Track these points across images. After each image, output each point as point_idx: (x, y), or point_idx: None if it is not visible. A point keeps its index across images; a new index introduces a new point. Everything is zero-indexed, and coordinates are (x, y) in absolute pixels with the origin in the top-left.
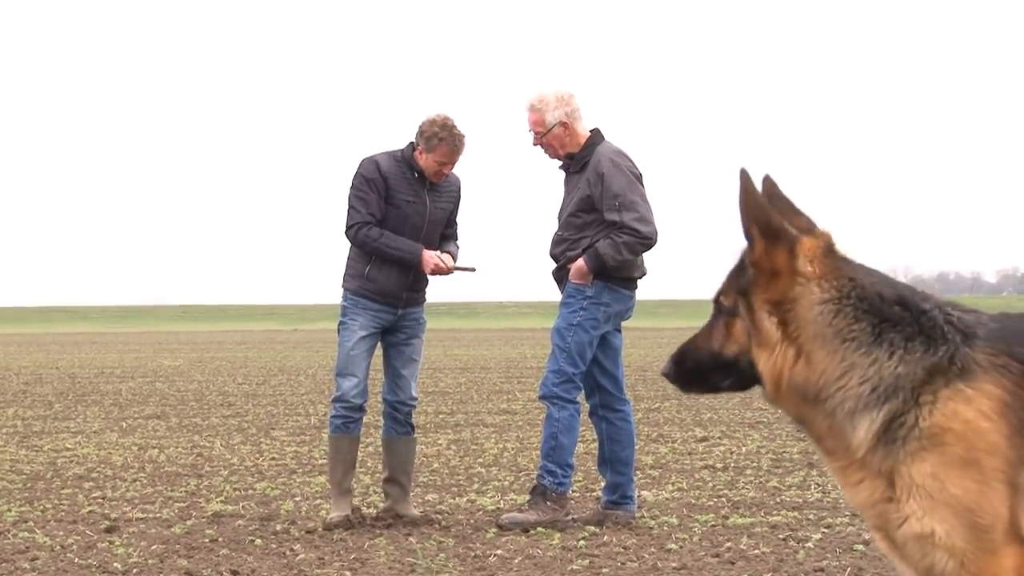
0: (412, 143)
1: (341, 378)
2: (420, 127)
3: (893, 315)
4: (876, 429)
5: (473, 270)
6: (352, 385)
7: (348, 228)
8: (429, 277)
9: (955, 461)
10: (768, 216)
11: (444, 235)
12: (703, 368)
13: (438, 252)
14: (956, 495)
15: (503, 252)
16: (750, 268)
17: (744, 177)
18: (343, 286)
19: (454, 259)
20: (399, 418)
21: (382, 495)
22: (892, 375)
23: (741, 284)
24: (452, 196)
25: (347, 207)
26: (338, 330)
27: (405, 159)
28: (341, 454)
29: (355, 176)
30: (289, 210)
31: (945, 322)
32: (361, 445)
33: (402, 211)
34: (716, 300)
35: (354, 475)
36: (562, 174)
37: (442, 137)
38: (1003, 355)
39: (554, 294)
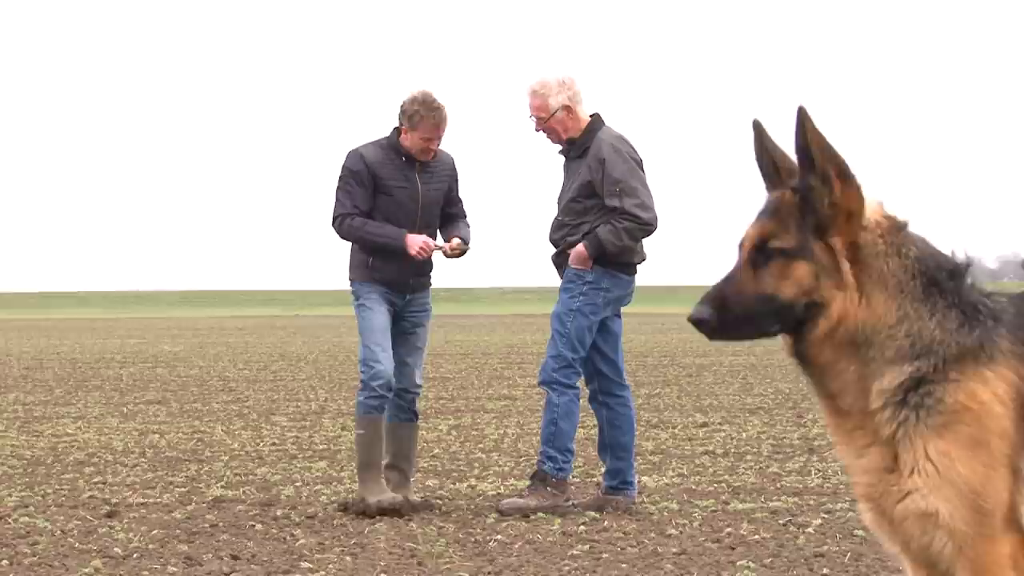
0: (397, 127)
1: (381, 353)
2: (401, 106)
3: (940, 280)
4: (900, 383)
5: (467, 250)
6: (389, 360)
7: (333, 220)
8: (434, 263)
9: (968, 441)
10: (841, 156)
11: (449, 215)
12: (752, 313)
13: (424, 236)
14: (965, 476)
15: (503, 238)
16: (826, 209)
17: (805, 115)
18: (350, 277)
19: (466, 241)
20: (403, 405)
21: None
22: (929, 337)
23: (811, 225)
24: (446, 175)
25: (334, 200)
26: (356, 313)
27: (391, 145)
28: (379, 435)
29: (341, 169)
30: (289, 196)
31: (980, 303)
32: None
33: (395, 197)
34: (762, 244)
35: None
36: (561, 159)
37: (423, 114)
38: (1020, 343)
39: (554, 279)
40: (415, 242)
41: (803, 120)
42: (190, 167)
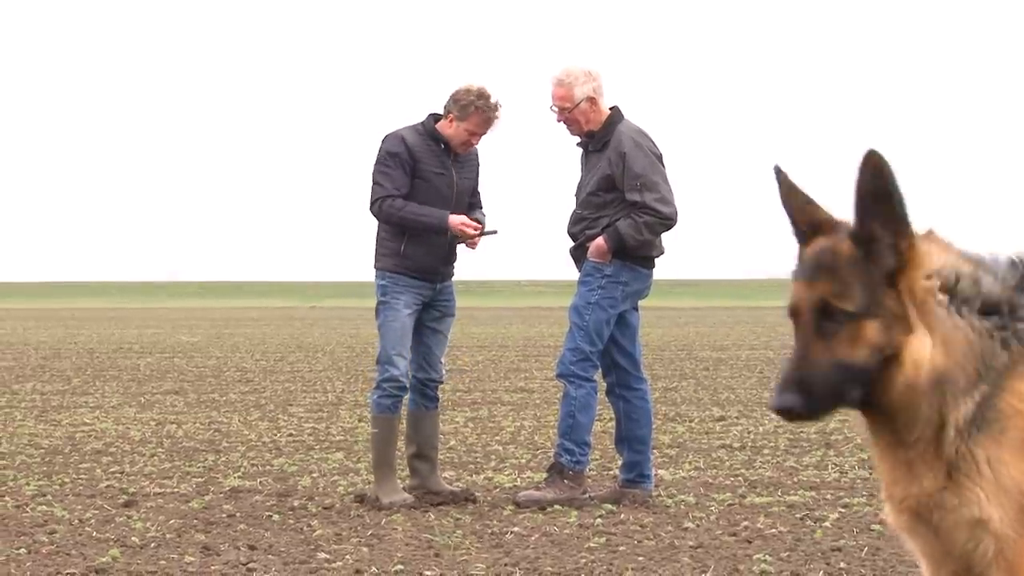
0: (433, 115)
1: (396, 358)
2: (455, 94)
3: (992, 294)
4: (972, 409)
5: (495, 232)
6: (405, 365)
7: (372, 203)
8: (457, 250)
9: (1018, 444)
10: (905, 203)
11: (469, 204)
12: (834, 387)
13: (464, 216)
14: (1016, 478)
15: (520, 230)
16: (894, 258)
17: (880, 158)
18: (377, 266)
19: (482, 225)
20: (428, 394)
21: (408, 472)
22: (989, 355)
23: (877, 278)
24: (475, 166)
25: (371, 183)
26: (377, 311)
27: (428, 131)
28: (393, 434)
29: (379, 151)
30: (307, 187)
31: (1020, 306)
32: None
33: (431, 183)
34: (824, 308)
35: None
36: (578, 152)
37: (478, 106)
38: None
39: (571, 272)
40: (457, 222)
41: (879, 164)
42: (208, 157)
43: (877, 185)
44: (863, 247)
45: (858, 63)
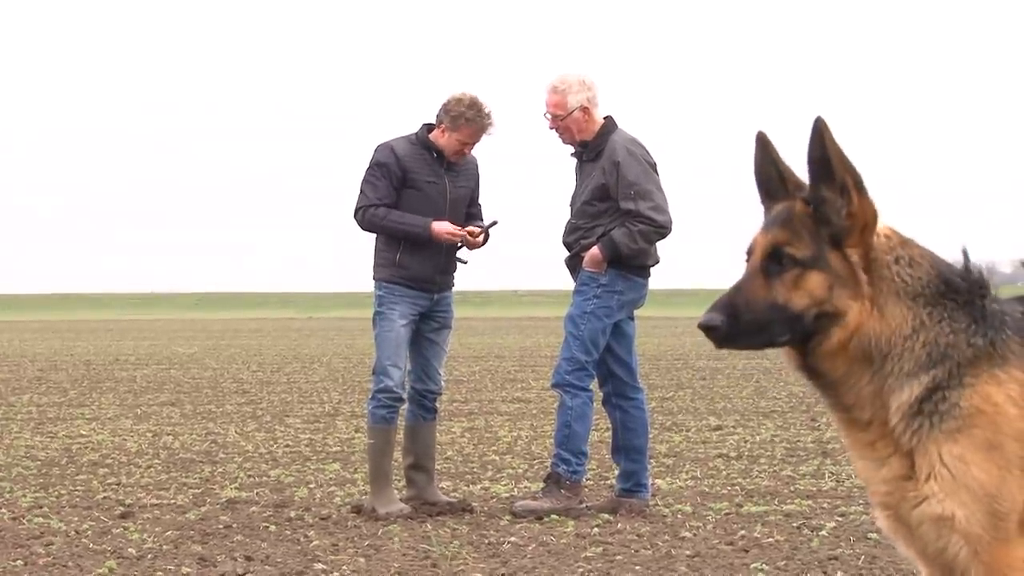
0: (427, 124)
1: (391, 368)
2: (446, 104)
3: (951, 285)
4: (917, 395)
5: (495, 223)
6: (400, 375)
7: (355, 212)
8: (458, 263)
9: (982, 445)
10: (857, 168)
11: (469, 214)
12: (763, 322)
13: (448, 224)
14: (980, 479)
15: (516, 240)
16: (843, 220)
17: (824, 126)
18: (375, 277)
19: (486, 235)
20: (427, 405)
21: (404, 482)
22: (944, 342)
23: (825, 236)
24: (471, 175)
25: (358, 192)
26: (374, 321)
27: (421, 141)
28: (389, 445)
29: (369, 161)
30: (303, 199)
31: (988, 306)
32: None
33: (424, 192)
34: (773, 252)
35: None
36: (574, 161)
37: (469, 117)
38: None
39: (567, 282)
40: (441, 228)
41: (822, 131)
42: (204, 169)
43: (820, 151)
44: (815, 207)
45: (864, 72)
